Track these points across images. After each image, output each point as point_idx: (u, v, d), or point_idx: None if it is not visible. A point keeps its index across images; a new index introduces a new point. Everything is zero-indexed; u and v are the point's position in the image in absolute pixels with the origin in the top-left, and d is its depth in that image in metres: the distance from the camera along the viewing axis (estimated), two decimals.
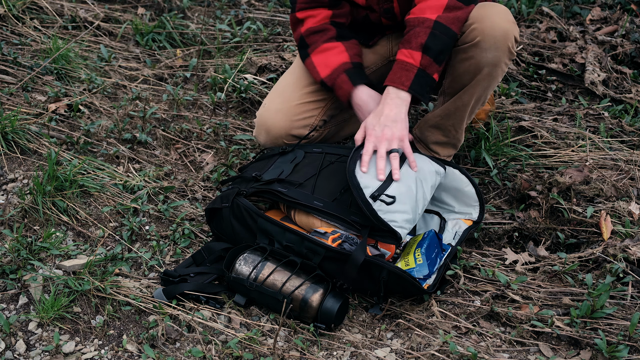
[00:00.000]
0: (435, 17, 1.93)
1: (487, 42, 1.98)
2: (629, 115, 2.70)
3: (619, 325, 1.77)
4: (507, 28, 1.99)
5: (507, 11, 2.03)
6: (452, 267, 1.97)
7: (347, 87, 2.07)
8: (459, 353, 1.69)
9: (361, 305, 1.92)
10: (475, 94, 2.09)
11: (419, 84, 1.93)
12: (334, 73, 2.08)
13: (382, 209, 1.85)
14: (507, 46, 2.00)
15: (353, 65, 2.09)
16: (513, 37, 2.01)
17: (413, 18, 1.96)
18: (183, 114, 2.68)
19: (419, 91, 1.94)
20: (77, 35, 3.06)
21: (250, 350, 1.73)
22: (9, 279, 1.89)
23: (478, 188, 2.10)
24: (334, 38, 2.11)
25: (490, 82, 2.07)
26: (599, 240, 2.06)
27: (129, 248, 2.07)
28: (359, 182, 1.87)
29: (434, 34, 1.92)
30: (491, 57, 2.00)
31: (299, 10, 2.15)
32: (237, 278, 1.84)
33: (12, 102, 2.54)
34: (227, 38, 3.19)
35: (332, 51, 2.10)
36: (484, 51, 1.99)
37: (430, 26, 1.92)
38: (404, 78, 1.93)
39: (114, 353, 1.74)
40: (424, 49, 1.92)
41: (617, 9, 3.31)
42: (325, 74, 2.10)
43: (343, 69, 2.08)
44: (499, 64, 2.03)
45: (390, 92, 1.95)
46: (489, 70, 2.02)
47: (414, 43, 1.93)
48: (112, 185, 2.25)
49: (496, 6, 2.03)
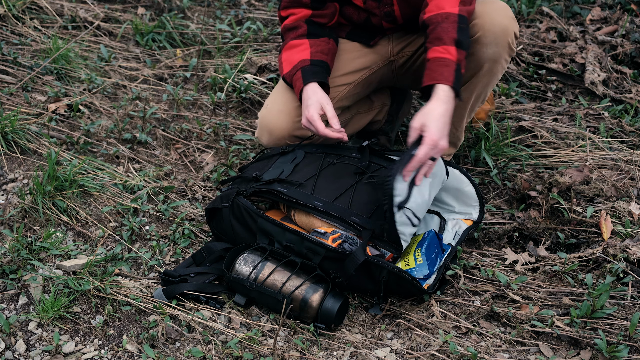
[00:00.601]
0: (458, 10, 1.89)
1: (487, 37, 1.98)
2: (629, 115, 2.70)
3: (619, 325, 1.77)
4: (507, 24, 2.00)
5: (507, 7, 2.03)
6: (452, 267, 1.97)
7: (298, 85, 2.07)
8: (459, 353, 1.69)
9: (361, 305, 1.92)
10: (475, 91, 2.09)
11: (458, 80, 1.87)
12: (293, 70, 2.09)
13: (399, 220, 1.85)
14: (507, 42, 2.00)
15: (311, 62, 2.08)
16: (513, 33, 2.01)
17: (434, 15, 1.91)
18: (183, 114, 2.68)
19: (458, 87, 1.87)
20: (77, 35, 3.06)
21: (250, 350, 1.73)
22: (9, 279, 1.89)
23: (478, 188, 2.10)
24: (303, 36, 2.13)
25: (490, 79, 2.08)
26: (599, 240, 2.06)
27: (129, 248, 2.07)
28: (395, 188, 1.82)
29: (462, 28, 1.88)
30: (491, 52, 2.00)
31: (282, 8, 2.17)
32: (237, 278, 1.84)
33: (12, 102, 2.54)
34: (227, 38, 3.19)
35: (297, 48, 2.12)
36: (484, 47, 1.99)
37: (456, 20, 1.88)
38: (447, 73, 1.85)
39: (114, 353, 1.74)
40: (457, 44, 1.86)
41: (617, 9, 3.31)
42: (286, 71, 2.11)
43: (300, 66, 2.08)
44: (499, 60, 2.03)
45: (439, 91, 1.85)
46: (489, 66, 2.03)
47: (446, 39, 1.87)
48: (112, 185, 2.25)
49: (496, 2, 2.03)
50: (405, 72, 2.28)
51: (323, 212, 1.90)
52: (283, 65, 2.13)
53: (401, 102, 2.53)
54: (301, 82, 2.06)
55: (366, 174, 2.02)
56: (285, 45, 2.15)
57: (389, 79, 2.31)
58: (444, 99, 1.84)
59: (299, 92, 2.06)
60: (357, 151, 2.11)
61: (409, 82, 2.34)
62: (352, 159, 2.09)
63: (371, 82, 2.27)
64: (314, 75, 2.05)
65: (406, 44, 2.23)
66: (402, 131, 2.63)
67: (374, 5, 2.12)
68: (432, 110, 1.83)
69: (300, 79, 2.06)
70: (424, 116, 1.82)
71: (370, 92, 2.35)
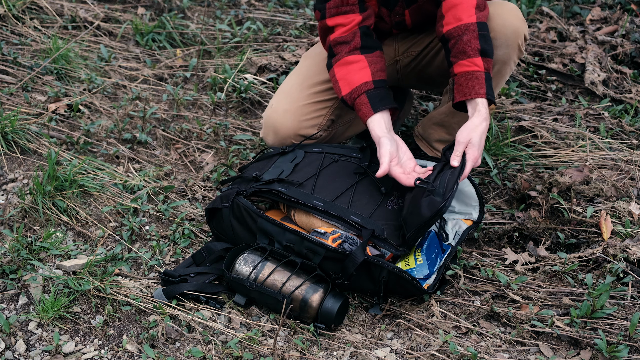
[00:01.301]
0: (475, 19, 1.88)
1: (499, 39, 1.98)
2: (629, 115, 2.70)
3: (619, 325, 1.77)
4: (517, 26, 2.00)
5: (517, 9, 2.03)
6: (452, 267, 1.97)
7: (365, 111, 1.98)
8: (459, 353, 1.69)
9: (361, 305, 1.92)
10: None
11: (490, 87, 1.87)
12: (355, 92, 2.00)
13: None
14: (517, 44, 2.00)
15: (374, 85, 2.00)
16: (523, 35, 2.01)
17: (454, 29, 1.89)
18: (183, 114, 2.68)
19: (492, 95, 1.87)
20: (77, 35, 3.06)
21: (250, 350, 1.73)
22: (9, 279, 1.89)
23: (478, 188, 2.10)
24: (356, 50, 2.03)
25: (499, 80, 2.08)
26: (599, 240, 2.06)
27: (129, 248, 2.07)
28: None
29: (483, 35, 1.88)
30: (501, 54, 2.00)
31: (330, 17, 2.04)
32: (237, 278, 1.84)
33: (12, 102, 2.54)
34: (227, 38, 3.19)
35: (354, 65, 2.02)
36: (495, 48, 1.98)
37: (476, 29, 1.87)
38: (478, 86, 1.85)
39: (114, 353, 1.74)
40: (482, 53, 1.87)
41: (617, 9, 3.31)
42: (345, 92, 2.02)
43: (364, 89, 1.99)
44: (508, 62, 2.03)
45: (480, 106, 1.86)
46: (498, 67, 2.03)
47: (470, 51, 1.86)
48: (112, 185, 2.25)
49: (506, 4, 2.03)
50: (410, 72, 2.28)
51: (323, 212, 1.90)
52: (340, 84, 2.03)
53: (402, 103, 2.53)
54: (369, 110, 1.97)
55: (366, 174, 2.02)
56: (339, 60, 2.04)
57: (394, 78, 2.30)
58: (484, 115, 1.86)
59: (364, 118, 1.99)
60: (357, 151, 2.11)
61: (414, 82, 2.34)
62: (352, 159, 2.09)
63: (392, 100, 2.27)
64: (382, 102, 1.98)
65: (411, 44, 2.23)
66: (402, 131, 2.63)
67: (385, 14, 2.12)
68: (477, 127, 1.85)
69: (367, 105, 1.97)
70: (470, 132, 1.85)
71: None
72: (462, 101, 1.89)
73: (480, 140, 1.85)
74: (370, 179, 2.02)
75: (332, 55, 2.07)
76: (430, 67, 2.23)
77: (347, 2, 2.02)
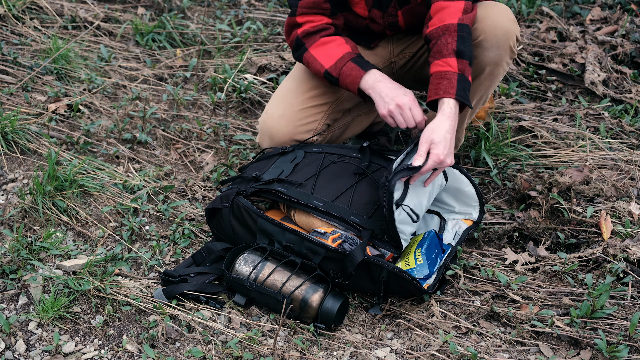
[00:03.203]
0: (457, 20, 1.89)
1: (489, 41, 1.98)
2: (629, 115, 2.70)
3: (619, 325, 1.77)
4: (508, 27, 2.00)
5: (509, 10, 2.03)
6: (452, 267, 1.97)
7: (356, 73, 2.00)
8: (459, 353, 1.69)
9: (361, 305, 1.92)
10: (477, 94, 2.10)
11: (462, 89, 1.87)
12: (340, 62, 2.02)
13: (398, 218, 1.85)
14: (508, 45, 2.01)
15: (357, 55, 2.03)
16: (514, 36, 2.01)
17: (435, 29, 1.91)
18: (183, 114, 2.68)
19: (464, 96, 1.87)
20: (77, 35, 3.06)
21: (250, 350, 1.73)
22: (9, 279, 1.89)
23: (478, 188, 2.10)
24: (332, 34, 2.07)
25: (492, 82, 2.08)
26: (599, 240, 2.06)
27: (129, 248, 2.07)
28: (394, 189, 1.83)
29: (462, 37, 1.88)
30: (493, 56, 2.01)
31: (300, 15, 2.08)
32: (237, 278, 1.84)
33: (12, 102, 2.54)
34: (227, 38, 3.19)
35: (332, 43, 2.05)
36: (486, 50, 1.99)
37: (455, 30, 1.88)
38: (449, 86, 1.86)
39: (114, 353, 1.74)
40: (458, 54, 1.87)
41: (617, 9, 3.31)
42: (329, 64, 2.03)
43: (349, 57, 2.02)
44: (500, 63, 2.03)
45: (444, 106, 1.87)
46: (490, 69, 2.03)
47: (445, 51, 1.87)
48: (112, 185, 2.25)
49: (498, 5, 2.04)
50: (406, 73, 2.28)
51: (323, 212, 1.90)
52: (320, 60, 2.05)
53: None
54: (359, 70, 1.99)
55: (366, 174, 2.02)
56: (314, 42, 2.06)
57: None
58: (448, 114, 1.86)
59: (356, 81, 2.00)
60: (357, 151, 2.11)
61: (410, 83, 2.34)
62: (352, 159, 2.09)
63: None
64: (370, 64, 2.00)
65: (406, 45, 2.23)
66: (402, 131, 2.63)
67: (378, 15, 2.12)
68: (438, 127, 1.85)
69: (357, 68, 1.99)
70: (431, 133, 1.85)
71: None
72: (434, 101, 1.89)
73: (444, 140, 1.84)
74: (371, 179, 2.02)
75: (301, 45, 2.09)
76: (426, 68, 2.23)
77: (320, 7, 2.05)
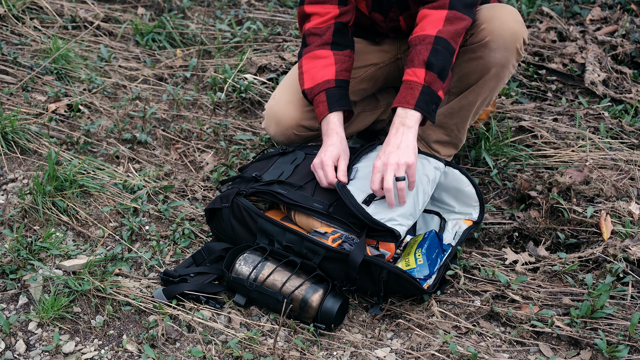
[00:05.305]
0: (436, 32, 1.88)
1: (496, 42, 1.98)
2: (629, 115, 2.70)
3: (619, 325, 1.77)
4: (516, 29, 1.99)
5: (516, 12, 2.03)
6: (452, 267, 1.97)
7: (322, 109, 2.02)
8: (459, 353, 1.69)
9: (361, 305, 1.92)
10: (481, 94, 2.09)
11: (425, 101, 1.86)
12: (316, 88, 2.03)
13: (378, 211, 1.85)
14: (515, 47, 2.00)
15: (336, 84, 2.02)
16: (522, 38, 2.01)
17: (414, 37, 1.91)
18: (183, 114, 2.68)
19: (425, 108, 1.86)
20: (77, 35, 3.06)
21: (250, 350, 1.73)
22: (9, 279, 1.89)
23: (478, 188, 2.10)
24: (327, 45, 2.05)
25: (497, 83, 2.08)
26: (599, 240, 2.06)
27: (129, 248, 2.07)
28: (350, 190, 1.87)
29: (436, 49, 1.87)
30: (500, 57, 2.00)
31: (308, 4, 2.07)
32: (237, 278, 1.84)
33: (12, 102, 2.54)
34: (227, 38, 3.19)
35: (321, 61, 2.05)
36: (493, 51, 1.99)
37: (431, 42, 1.87)
38: (409, 97, 1.86)
39: (114, 353, 1.74)
40: (427, 66, 1.86)
41: (617, 9, 3.31)
42: (308, 85, 2.05)
43: (325, 86, 2.02)
44: (507, 65, 2.03)
45: (398, 115, 1.88)
46: (496, 70, 2.03)
47: (416, 61, 1.87)
48: (112, 185, 2.25)
49: (505, 7, 2.03)
50: None
51: (323, 215, 1.90)
52: (304, 77, 2.06)
53: None
54: (325, 108, 2.01)
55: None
56: (308, 52, 2.07)
57: (395, 77, 2.31)
58: (397, 125, 1.87)
59: (320, 116, 2.02)
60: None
61: None
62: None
63: (377, 78, 2.27)
64: (338, 102, 2.01)
65: None
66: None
67: (380, 19, 2.12)
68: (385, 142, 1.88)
69: (325, 104, 2.01)
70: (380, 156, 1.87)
71: (377, 90, 2.35)
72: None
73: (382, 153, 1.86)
74: None
75: (304, 45, 2.10)
76: None
77: None
